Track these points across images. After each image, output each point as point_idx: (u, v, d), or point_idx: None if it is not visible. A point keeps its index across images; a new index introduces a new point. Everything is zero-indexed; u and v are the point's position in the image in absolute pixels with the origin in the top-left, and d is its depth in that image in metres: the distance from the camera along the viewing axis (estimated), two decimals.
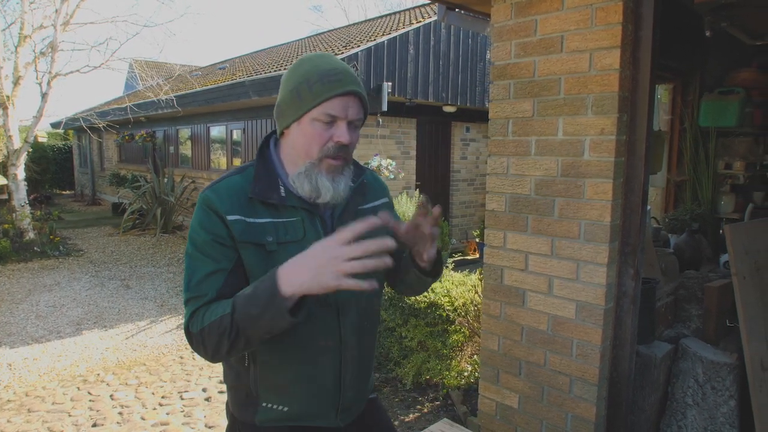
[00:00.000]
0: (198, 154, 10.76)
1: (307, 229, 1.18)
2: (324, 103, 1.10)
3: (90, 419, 3.31)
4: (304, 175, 1.14)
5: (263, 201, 1.15)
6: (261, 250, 1.13)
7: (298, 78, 1.13)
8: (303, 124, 1.13)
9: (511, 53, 2.16)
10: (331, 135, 1.12)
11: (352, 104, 1.13)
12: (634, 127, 1.93)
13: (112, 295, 6.15)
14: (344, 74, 1.12)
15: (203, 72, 13.16)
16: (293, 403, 1.22)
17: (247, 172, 1.19)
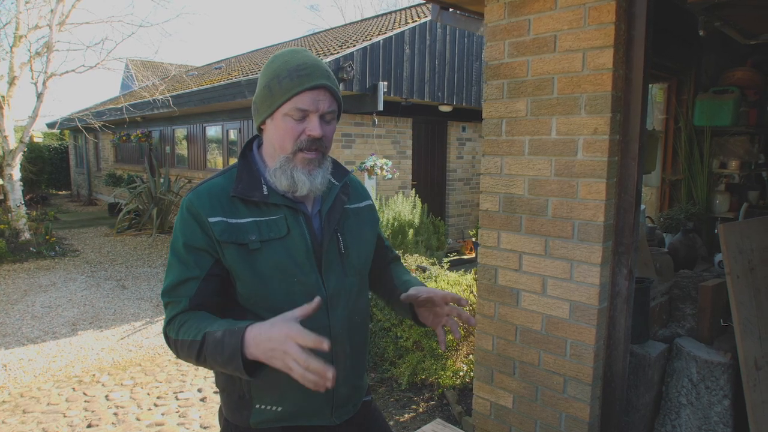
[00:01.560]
0: (194, 154, 10.74)
1: (291, 226, 1.18)
2: (294, 98, 1.12)
3: (85, 420, 3.30)
4: (280, 169, 1.16)
5: (245, 200, 1.16)
6: (243, 249, 1.14)
7: (270, 74, 1.15)
8: (276, 119, 1.15)
9: (504, 53, 2.15)
10: (303, 129, 1.14)
11: (323, 97, 1.14)
12: (627, 126, 1.93)
13: (108, 296, 6.13)
14: (313, 68, 1.14)
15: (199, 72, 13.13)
16: (286, 402, 1.22)
17: (230, 173, 1.21)
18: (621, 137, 1.94)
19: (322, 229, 1.23)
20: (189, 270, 1.13)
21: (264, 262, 1.15)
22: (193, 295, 1.13)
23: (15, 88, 8.26)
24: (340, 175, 1.31)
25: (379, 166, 6.73)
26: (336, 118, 1.21)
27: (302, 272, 1.18)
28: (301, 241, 1.18)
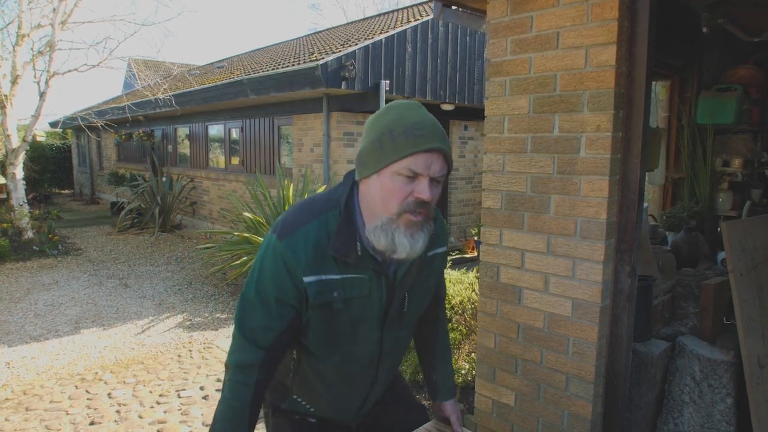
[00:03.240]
0: (196, 153, 10.75)
1: (372, 288, 1.19)
2: (407, 158, 1.06)
3: (87, 417, 3.30)
4: (381, 229, 1.11)
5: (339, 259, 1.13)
6: (328, 309, 1.16)
7: (382, 128, 1.10)
8: (383, 176, 1.09)
9: (506, 50, 2.15)
10: (412, 190, 1.08)
11: (436, 160, 1.08)
12: (630, 123, 1.93)
13: (111, 294, 6.15)
14: (430, 129, 1.08)
15: (201, 71, 13.15)
16: (320, 408, 1.36)
17: (325, 220, 1.15)
18: (624, 134, 1.94)
19: (393, 289, 1.23)
20: (272, 320, 1.15)
21: (340, 319, 1.19)
22: (267, 345, 1.16)
23: (18, 87, 8.28)
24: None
25: None
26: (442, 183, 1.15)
27: (369, 328, 1.23)
28: (378, 303, 1.21)
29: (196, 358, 4.30)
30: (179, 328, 5.00)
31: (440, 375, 1.52)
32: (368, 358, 1.27)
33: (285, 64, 7.44)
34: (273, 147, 8.35)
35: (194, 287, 6.42)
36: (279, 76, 6.58)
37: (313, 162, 7.39)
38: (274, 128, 8.27)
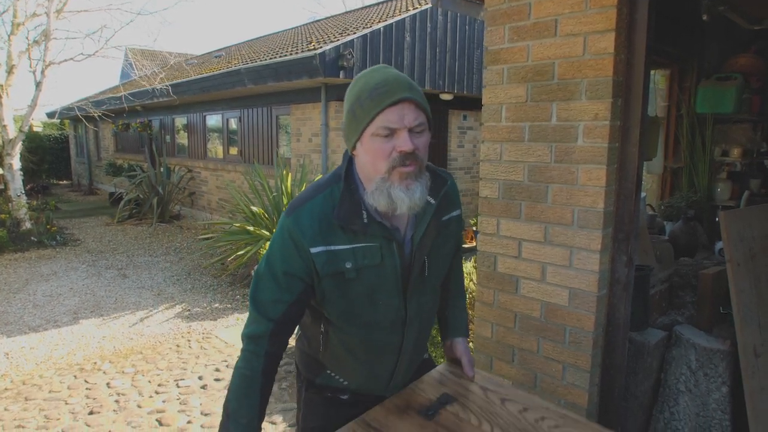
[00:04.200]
0: (194, 143, 10.71)
1: (385, 255, 1.21)
2: (377, 117, 1.09)
3: (86, 407, 3.32)
4: (377, 191, 1.14)
5: (346, 227, 1.16)
6: (340, 278, 1.19)
7: (352, 98, 1.15)
8: (364, 142, 1.13)
9: (504, 38, 2.13)
10: (394, 146, 1.11)
11: (408, 111, 1.10)
12: (628, 112, 1.91)
13: (109, 285, 6.15)
14: (393, 83, 1.10)
15: (199, 60, 13.06)
16: (353, 380, 1.39)
17: (329, 193, 1.19)
18: (622, 123, 1.92)
19: (412, 254, 1.25)
20: (281, 293, 1.19)
21: (355, 289, 1.21)
22: (277, 318, 1.20)
23: (13, 77, 8.22)
24: (438, 188, 1.28)
25: None
26: (427, 129, 1.16)
27: (389, 296, 1.25)
28: (392, 270, 1.22)
29: (194, 348, 4.31)
30: (178, 319, 5.01)
31: (451, 312, 1.52)
32: (391, 326, 1.29)
33: (283, 53, 7.39)
34: (271, 137, 8.31)
35: (193, 278, 6.42)
36: (277, 65, 6.54)
37: (312, 152, 7.36)
38: (272, 118, 8.23)
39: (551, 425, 1.17)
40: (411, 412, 1.29)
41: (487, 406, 1.27)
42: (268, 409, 3.20)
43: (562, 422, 1.18)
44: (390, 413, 1.30)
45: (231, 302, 5.50)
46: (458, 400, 1.30)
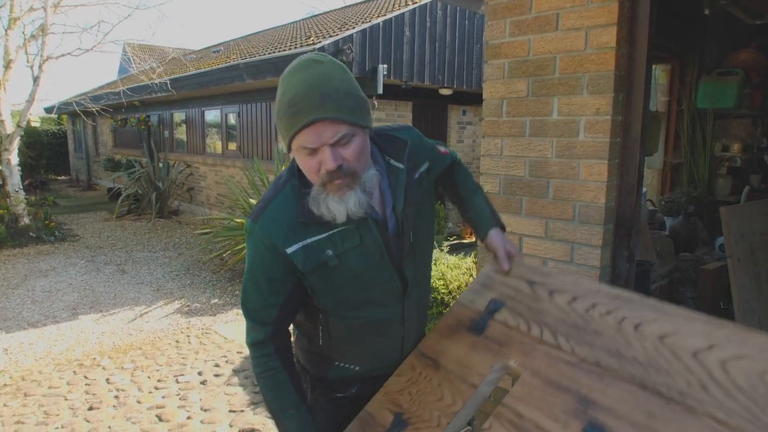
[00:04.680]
0: (193, 139, 10.68)
1: (363, 234, 1.18)
2: (295, 139, 1.05)
3: (86, 403, 3.31)
4: (314, 199, 1.10)
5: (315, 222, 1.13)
6: (323, 268, 1.17)
7: (276, 107, 1.09)
8: (294, 152, 1.10)
9: (505, 32, 2.11)
10: (319, 162, 1.06)
11: (324, 128, 1.03)
12: (630, 107, 1.90)
13: (108, 280, 6.14)
14: (302, 102, 1.02)
15: (197, 55, 13.01)
16: (363, 364, 1.35)
17: (289, 190, 1.16)
18: (623, 118, 1.91)
19: (399, 224, 1.23)
20: (269, 297, 1.19)
21: (342, 274, 1.19)
22: (274, 319, 1.21)
23: (11, 72, 8.17)
24: (400, 151, 1.25)
25: None
26: (357, 134, 1.08)
27: (378, 272, 1.23)
28: (375, 247, 1.20)
29: (194, 343, 4.31)
30: (177, 314, 5.01)
31: (473, 212, 1.48)
32: (390, 300, 1.27)
33: (282, 48, 7.36)
34: (270, 132, 8.29)
35: (192, 273, 6.42)
36: (276, 60, 6.51)
37: None
38: (270, 113, 8.21)
39: (602, 312, 1.10)
40: (461, 330, 1.28)
41: (534, 304, 1.23)
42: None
43: (613, 306, 1.10)
44: (442, 337, 1.31)
45: (230, 297, 5.50)
46: (506, 303, 1.27)
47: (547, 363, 1.10)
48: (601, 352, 1.04)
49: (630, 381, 0.98)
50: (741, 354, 0.89)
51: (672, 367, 0.95)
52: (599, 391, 0.99)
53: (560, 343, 1.11)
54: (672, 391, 0.92)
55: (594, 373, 1.02)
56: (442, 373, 1.26)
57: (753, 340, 0.89)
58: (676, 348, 0.96)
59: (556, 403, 1.02)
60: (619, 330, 1.05)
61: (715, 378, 0.89)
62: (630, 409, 0.94)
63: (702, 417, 0.87)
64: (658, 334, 1.00)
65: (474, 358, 1.23)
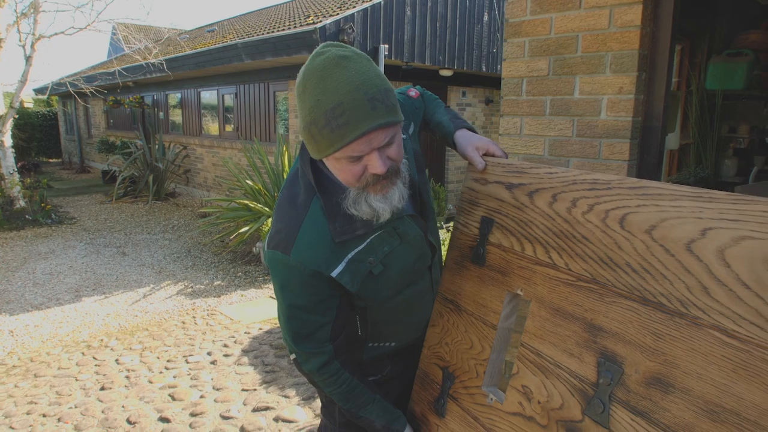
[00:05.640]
0: (189, 120, 10.57)
1: (402, 233, 1.16)
2: (341, 150, 0.96)
3: (97, 383, 3.33)
4: (354, 201, 1.05)
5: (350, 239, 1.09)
6: (369, 277, 1.14)
7: (306, 116, 0.97)
8: (330, 161, 1.03)
9: (526, 9, 2.10)
10: (365, 166, 1.00)
11: (375, 135, 0.96)
12: (652, 86, 1.91)
13: (109, 263, 6.12)
14: (350, 112, 0.92)
15: (191, 35, 12.79)
16: (398, 339, 1.36)
17: (314, 211, 1.09)
18: (645, 97, 1.92)
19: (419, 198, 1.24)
20: (320, 319, 1.14)
21: (387, 276, 1.17)
22: (330, 335, 1.16)
23: (2, 52, 8.01)
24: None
25: None
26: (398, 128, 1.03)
27: (421, 260, 1.26)
28: (417, 240, 1.21)
29: (200, 324, 4.32)
30: (181, 296, 5.01)
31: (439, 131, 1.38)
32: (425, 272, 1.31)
33: (280, 27, 7.25)
34: (268, 113, 8.22)
35: (193, 255, 6.41)
36: (275, 40, 6.42)
37: None
38: (269, 94, 8.12)
39: (584, 209, 1.00)
40: (466, 263, 1.28)
41: (519, 214, 1.15)
42: (281, 384, 3.23)
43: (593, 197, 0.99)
44: (454, 276, 1.31)
45: (233, 279, 5.51)
46: (495, 220, 1.21)
47: (548, 287, 1.05)
48: (595, 264, 0.96)
49: (628, 296, 0.90)
50: (739, 235, 0.75)
51: (668, 269, 0.84)
52: (602, 313, 0.94)
53: (554, 260, 1.05)
54: (674, 301, 0.83)
55: (594, 291, 0.96)
56: (464, 318, 1.27)
57: (749, 211, 0.75)
58: (667, 242, 0.85)
59: (566, 335, 1.00)
60: (606, 229, 0.95)
61: (715, 276, 0.78)
62: (636, 331, 0.88)
63: (709, 330, 0.78)
64: (645, 227, 0.89)
65: (485, 295, 1.21)
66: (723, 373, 0.75)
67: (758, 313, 0.72)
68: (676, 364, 0.81)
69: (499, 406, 1.15)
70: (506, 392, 1.14)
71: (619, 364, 0.89)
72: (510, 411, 1.12)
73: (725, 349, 0.75)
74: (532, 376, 1.07)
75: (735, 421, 0.73)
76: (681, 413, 0.80)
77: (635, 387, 0.87)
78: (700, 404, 0.78)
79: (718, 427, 0.75)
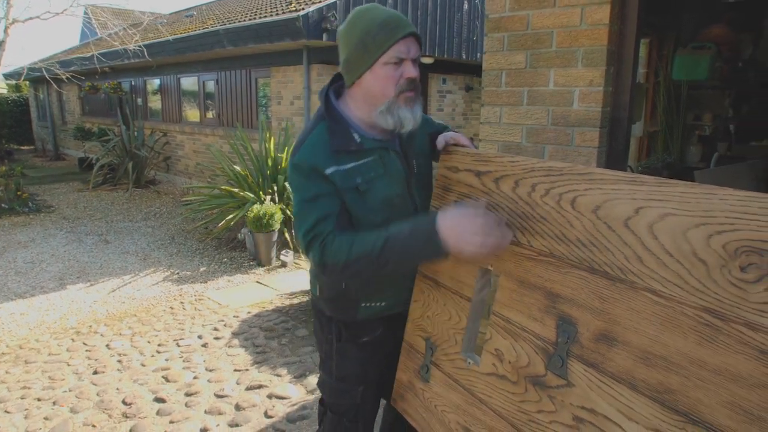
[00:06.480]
0: (169, 107, 10.47)
1: (386, 163, 1.37)
2: (390, 49, 1.26)
3: (90, 368, 3.40)
4: (387, 112, 1.31)
5: (344, 150, 1.33)
6: (356, 193, 1.33)
7: (360, 33, 1.28)
8: (375, 70, 1.29)
9: (505, 6, 2.23)
10: (401, 73, 1.29)
11: (412, 44, 1.30)
12: (619, 79, 2.06)
13: (92, 251, 6.12)
14: (400, 20, 1.29)
15: (169, 20, 12.60)
16: (389, 298, 1.50)
17: (319, 128, 1.36)
18: (613, 89, 2.07)
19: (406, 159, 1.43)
20: (324, 210, 1.30)
21: (371, 198, 1.35)
22: (334, 226, 1.30)
23: None
24: None
25: None
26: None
27: (401, 197, 1.41)
28: (397, 174, 1.40)
29: (188, 309, 4.41)
30: (167, 282, 5.08)
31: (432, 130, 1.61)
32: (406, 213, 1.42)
33: (262, 14, 7.25)
34: (250, 100, 8.22)
35: (177, 242, 6.45)
36: (258, 26, 6.43)
37: (293, 115, 7.34)
38: (251, 81, 8.12)
39: (542, 193, 1.15)
40: None
41: (488, 198, 1.28)
42: (272, 364, 3.36)
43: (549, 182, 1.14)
44: None
45: (219, 265, 5.59)
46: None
47: (514, 262, 1.20)
48: (552, 241, 1.11)
49: (579, 266, 1.04)
50: (664, 212, 0.90)
51: (610, 243, 0.99)
52: (559, 282, 1.08)
53: (519, 238, 1.19)
54: (615, 269, 0.98)
55: (552, 264, 1.10)
56: (443, 292, 1.41)
57: (671, 192, 0.90)
58: (609, 219, 0.99)
59: (530, 302, 1.15)
60: (560, 210, 1.10)
61: (647, 246, 0.93)
62: (586, 296, 1.02)
63: (642, 292, 0.93)
64: (592, 207, 1.03)
65: (461, 271, 1.35)
66: (653, 327, 0.91)
67: (679, 276, 0.88)
68: (618, 322, 0.97)
69: (476, 369, 1.29)
70: (481, 356, 1.29)
71: (573, 325, 1.05)
72: (485, 372, 1.27)
73: (655, 307, 0.91)
74: (502, 339, 1.22)
75: (664, 365, 0.90)
76: (623, 362, 0.96)
77: (587, 343, 1.02)
78: (637, 353, 0.94)
79: (651, 371, 0.91)
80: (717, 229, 0.84)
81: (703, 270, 0.85)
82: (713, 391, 0.83)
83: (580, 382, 1.03)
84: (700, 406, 0.84)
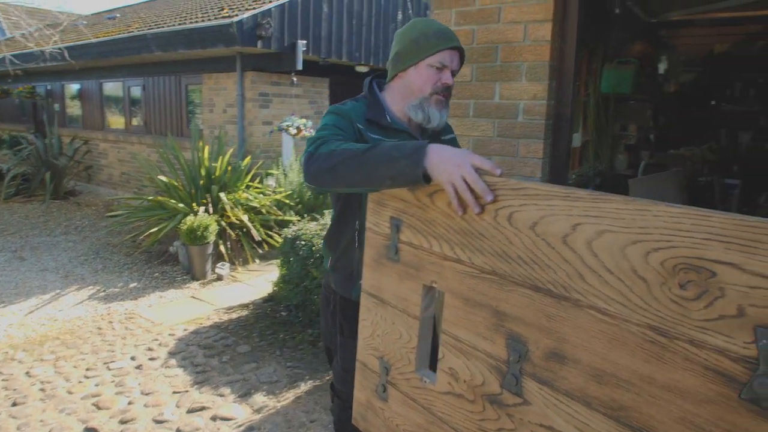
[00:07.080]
0: (90, 113, 9.84)
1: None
2: (438, 53, 1.44)
3: (7, 399, 3.10)
4: (418, 106, 1.49)
5: (376, 122, 1.50)
6: None
7: (417, 32, 1.47)
8: (419, 68, 1.47)
9: (451, 21, 2.27)
10: (440, 77, 1.47)
11: (455, 57, 1.49)
12: (560, 92, 2.16)
13: (5, 269, 5.61)
14: (452, 34, 1.48)
15: (90, 21, 11.86)
16: None
17: (360, 102, 1.55)
18: (555, 102, 2.16)
19: None
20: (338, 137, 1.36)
21: None
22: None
23: None
24: None
25: (296, 126, 6.65)
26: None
27: None
28: None
29: (118, 329, 4.13)
30: (93, 300, 4.74)
31: None
32: None
33: (192, 19, 6.99)
34: (180, 107, 7.89)
35: (103, 257, 6.04)
36: (189, 32, 6.19)
37: (226, 123, 7.12)
38: (181, 87, 7.80)
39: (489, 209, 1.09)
40: (384, 260, 1.35)
41: (423, 213, 1.23)
42: (213, 383, 3.21)
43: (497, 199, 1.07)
44: (374, 272, 1.37)
45: (150, 280, 5.29)
46: (402, 219, 1.29)
47: (458, 280, 1.16)
48: (493, 258, 1.07)
49: (523, 284, 1.02)
50: (601, 229, 0.88)
51: (551, 260, 0.97)
52: (504, 300, 1.05)
53: (459, 255, 1.15)
54: (558, 287, 0.95)
55: (495, 282, 1.07)
56: (389, 310, 1.36)
57: (606, 208, 0.88)
58: (547, 236, 0.97)
59: (478, 321, 1.12)
60: (497, 227, 1.06)
61: (587, 264, 0.91)
62: (533, 314, 1.00)
63: (587, 310, 0.91)
64: (529, 224, 1.00)
65: (404, 289, 1.30)
66: (601, 344, 0.91)
67: (621, 294, 0.87)
68: (566, 340, 0.96)
69: (433, 387, 1.26)
70: (437, 374, 1.26)
71: (523, 343, 1.03)
72: (442, 391, 1.23)
73: (600, 325, 0.91)
74: (455, 358, 1.19)
75: (614, 382, 0.90)
76: (575, 379, 0.95)
77: (538, 361, 1.01)
78: (589, 371, 0.93)
79: (603, 388, 0.91)
80: (654, 246, 0.83)
81: (644, 287, 0.85)
82: (664, 408, 0.83)
83: (536, 400, 1.02)
84: (653, 422, 0.85)
